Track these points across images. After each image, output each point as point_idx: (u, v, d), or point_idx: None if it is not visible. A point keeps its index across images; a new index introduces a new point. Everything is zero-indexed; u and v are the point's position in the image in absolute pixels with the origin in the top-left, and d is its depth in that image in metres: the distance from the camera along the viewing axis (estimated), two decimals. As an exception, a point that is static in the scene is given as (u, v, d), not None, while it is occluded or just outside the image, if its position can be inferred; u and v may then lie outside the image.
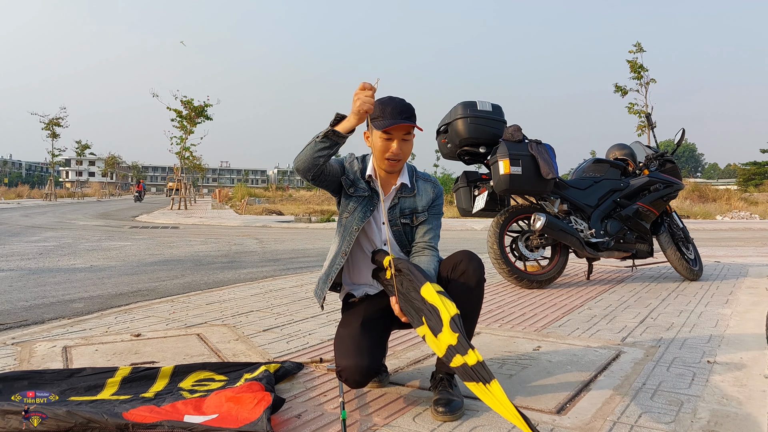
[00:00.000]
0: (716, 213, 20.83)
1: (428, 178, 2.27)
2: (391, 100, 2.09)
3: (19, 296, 4.68)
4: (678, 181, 5.06)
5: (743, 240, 10.96)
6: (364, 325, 2.04)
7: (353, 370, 1.92)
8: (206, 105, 25.05)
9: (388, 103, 2.07)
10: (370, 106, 1.84)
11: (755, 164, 48.20)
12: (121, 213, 22.32)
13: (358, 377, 1.93)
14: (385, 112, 2.05)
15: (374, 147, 2.11)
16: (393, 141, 2.06)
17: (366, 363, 1.93)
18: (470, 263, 2.06)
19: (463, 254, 2.10)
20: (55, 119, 36.21)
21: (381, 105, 2.07)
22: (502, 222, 4.52)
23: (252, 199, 30.25)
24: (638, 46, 23.00)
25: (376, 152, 2.10)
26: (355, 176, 2.17)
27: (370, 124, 2.08)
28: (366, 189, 2.17)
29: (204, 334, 3.06)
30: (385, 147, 2.07)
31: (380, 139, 2.06)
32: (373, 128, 2.08)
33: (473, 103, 4.46)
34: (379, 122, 2.06)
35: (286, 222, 16.68)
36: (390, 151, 2.07)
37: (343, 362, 1.94)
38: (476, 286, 2.04)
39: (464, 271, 2.05)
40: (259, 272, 6.27)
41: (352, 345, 1.97)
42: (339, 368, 1.96)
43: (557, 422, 1.86)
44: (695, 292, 4.38)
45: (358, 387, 1.99)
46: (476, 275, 2.04)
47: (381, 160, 2.10)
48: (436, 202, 2.24)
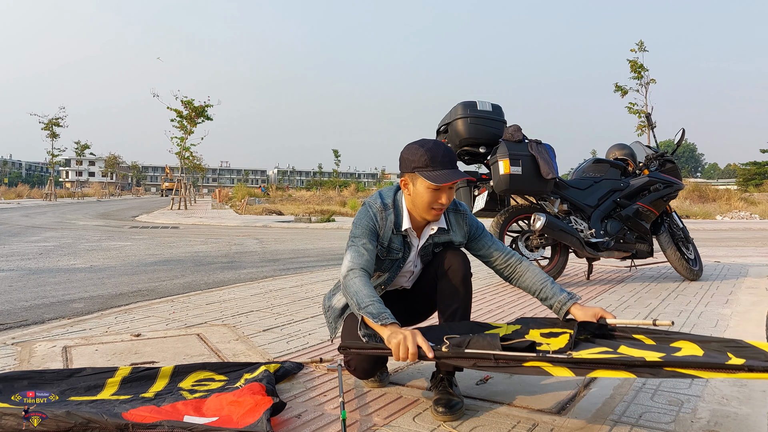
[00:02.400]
0: (716, 213, 20.83)
1: (457, 208, 2.17)
2: (436, 146, 1.95)
3: (19, 296, 4.68)
4: (678, 181, 5.06)
5: (743, 240, 10.96)
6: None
7: (362, 359, 1.93)
8: (206, 105, 25.06)
9: (435, 150, 1.93)
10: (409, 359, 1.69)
11: (755, 164, 48.24)
12: (121, 213, 22.32)
13: (367, 366, 1.95)
14: (435, 160, 1.91)
15: (417, 195, 1.97)
16: (443, 192, 1.95)
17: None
18: (454, 259, 2.06)
19: (447, 252, 2.10)
20: (54, 119, 36.21)
21: (425, 150, 1.93)
22: (502, 222, 4.52)
23: (252, 199, 30.25)
24: (641, 45, 22.97)
25: (420, 202, 1.97)
26: (390, 236, 2.04)
27: (415, 172, 1.94)
28: (400, 247, 2.07)
29: (204, 334, 3.06)
30: (434, 198, 1.95)
31: (428, 189, 1.93)
32: (420, 178, 1.93)
33: (473, 103, 4.46)
34: (429, 173, 1.91)
35: (286, 222, 16.68)
36: (438, 202, 1.96)
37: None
38: (463, 281, 2.06)
39: (450, 267, 2.06)
40: (259, 272, 6.27)
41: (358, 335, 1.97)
42: (347, 358, 1.97)
43: (557, 422, 1.86)
44: (695, 292, 4.38)
45: (366, 377, 2.02)
46: (462, 271, 2.05)
47: (426, 210, 1.98)
48: (474, 228, 2.17)
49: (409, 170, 1.96)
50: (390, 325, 1.74)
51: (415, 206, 2.01)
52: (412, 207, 2.03)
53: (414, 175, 1.96)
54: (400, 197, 2.07)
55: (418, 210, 2.01)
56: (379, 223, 2.02)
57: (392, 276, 2.14)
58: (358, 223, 2.02)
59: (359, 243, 1.97)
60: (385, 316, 1.76)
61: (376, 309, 1.78)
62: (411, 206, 2.03)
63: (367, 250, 1.96)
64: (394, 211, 2.04)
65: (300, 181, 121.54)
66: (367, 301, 1.80)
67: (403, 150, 2.02)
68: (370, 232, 2.00)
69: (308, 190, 53.49)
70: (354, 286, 1.86)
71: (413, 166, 1.94)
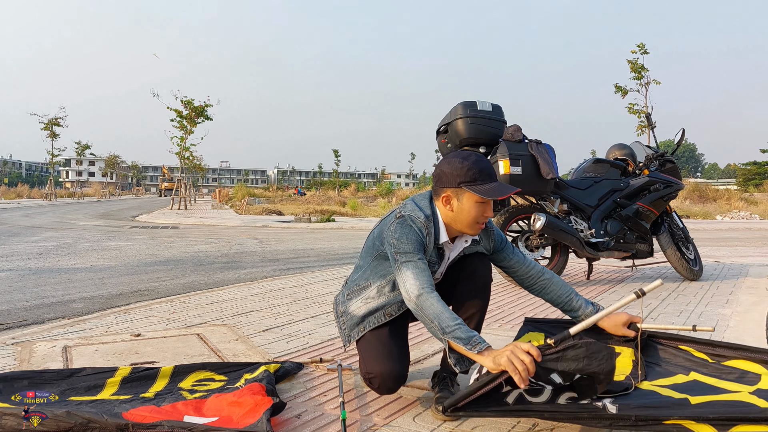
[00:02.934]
0: (716, 213, 20.83)
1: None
2: (480, 159, 1.88)
3: (19, 296, 4.68)
4: (678, 181, 5.06)
5: (743, 240, 10.96)
6: (391, 328, 1.97)
7: (386, 377, 1.87)
8: (206, 105, 25.07)
9: (480, 163, 1.87)
10: (527, 374, 1.57)
11: (755, 164, 48.31)
12: (121, 213, 22.32)
13: (391, 384, 1.89)
14: (482, 173, 1.86)
15: (463, 211, 1.89)
16: (488, 206, 1.89)
17: (399, 368, 1.89)
18: (479, 265, 2.04)
19: (474, 257, 2.07)
20: (54, 119, 36.22)
21: (471, 164, 1.86)
22: (502, 222, 4.52)
23: (252, 199, 30.27)
24: (642, 47, 22.95)
25: (466, 216, 1.90)
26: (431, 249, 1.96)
27: (462, 187, 1.87)
28: (436, 260, 1.99)
29: (204, 334, 3.06)
30: (480, 211, 1.89)
31: (476, 204, 1.87)
32: (468, 192, 1.87)
33: (473, 103, 4.46)
34: (479, 187, 1.85)
35: (286, 222, 16.68)
36: (483, 216, 1.90)
37: (376, 368, 1.88)
38: (483, 287, 2.03)
39: (473, 272, 2.03)
40: (259, 272, 6.27)
41: (381, 348, 1.92)
42: (371, 374, 1.89)
43: (557, 422, 1.86)
44: (695, 292, 4.38)
45: (389, 393, 1.95)
46: (484, 277, 2.03)
47: (470, 225, 1.91)
48: (499, 241, 2.12)
49: (454, 185, 1.88)
50: (486, 350, 1.65)
51: (457, 221, 1.93)
52: (451, 221, 1.94)
53: (460, 189, 1.88)
54: (436, 210, 1.97)
55: (460, 224, 1.93)
56: (426, 237, 1.92)
57: None
58: (405, 239, 1.88)
59: (416, 259, 1.86)
60: (477, 340, 1.67)
61: (464, 333, 1.69)
62: (450, 220, 1.94)
63: (426, 265, 1.87)
64: (433, 225, 1.95)
65: (300, 181, 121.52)
66: (452, 325, 1.71)
67: (442, 164, 1.94)
68: (419, 246, 1.89)
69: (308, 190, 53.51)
70: (432, 309, 1.75)
71: (459, 181, 1.87)
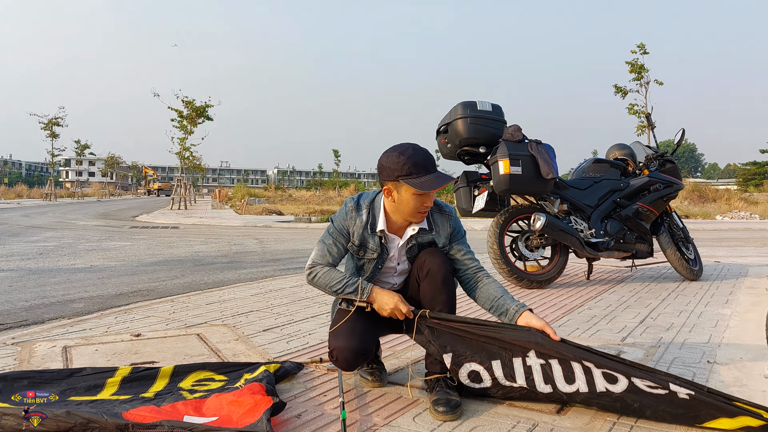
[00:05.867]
0: (716, 213, 20.83)
1: (442, 209, 2.16)
2: (416, 152, 1.94)
3: (19, 296, 4.68)
4: (678, 181, 5.06)
5: (743, 240, 10.96)
6: (357, 313, 2.07)
7: (344, 350, 1.97)
8: (207, 105, 25.04)
9: (415, 156, 1.93)
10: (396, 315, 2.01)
11: (755, 164, 48.29)
12: (121, 213, 22.31)
13: (350, 357, 1.98)
14: (417, 166, 1.91)
15: (403, 203, 1.98)
16: (427, 196, 1.97)
17: (357, 344, 1.98)
18: (433, 262, 2.06)
19: (426, 254, 2.09)
20: (54, 119, 36.20)
21: (406, 158, 1.92)
22: (502, 222, 4.52)
23: (252, 199, 30.25)
24: (642, 47, 22.91)
25: (406, 208, 1.99)
26: (363, 234, 2.07)
27: (399, 180, 1.94)
28: (377, 247, 2.09)
29: (204, 334, 3.06)
30: (419, 202, 1.97)
31: (414, 196, 1.95)
32: (405, 185, 1.94)
33: (473, 103, 4.46)
34: (414, 180, 1.91)
35: (286, 222, 16.67)
36: (424, 206, 1.98)
37: (334, 343, 2.01)
38: (444, 283, 2.05)
39: (429, 269, 2.06)
40: (259, 272, 6.27)
41: (344, 327, 2.03)
42: (331, 348, 2.02)
43: (557, 422, 1.86)
44: (695, 292, 4.38)
45: (350, 369, 2.04)
46: (441, 273, 2.05)
47: (412, 214, 2.01)
48: (456, 232, 2.16)
49: (392, 179, 1.96)
50: (372, 291, 2.02)
51: (399, 211, 2.03)
52: (394, 212, 2.05)
53: (398, 183, 1.96)
54: (378, 200, 2.09)
55: (403, 214, 2.03)
56: (348, 222, 2.09)
57: (373, 275, 2.16)
58: (332, 222, 2.13)
59: (326, 241, 2.12)
60: (362, 286, 2.01)
61: (352, 287, 2.02)
62: (393, 211, 2.05)
63: (333, 248, 2.11)
64: (367, 212, 2.08)
65: (300, 181, 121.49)
66: (341, 286, 2.04)
67: (381, 158, 2.00)
68: (341, 229, 2.10)
69: (308, 190, 53.54)
70: (323, 278, 2.06)
71: (396, 175, 1.94)
